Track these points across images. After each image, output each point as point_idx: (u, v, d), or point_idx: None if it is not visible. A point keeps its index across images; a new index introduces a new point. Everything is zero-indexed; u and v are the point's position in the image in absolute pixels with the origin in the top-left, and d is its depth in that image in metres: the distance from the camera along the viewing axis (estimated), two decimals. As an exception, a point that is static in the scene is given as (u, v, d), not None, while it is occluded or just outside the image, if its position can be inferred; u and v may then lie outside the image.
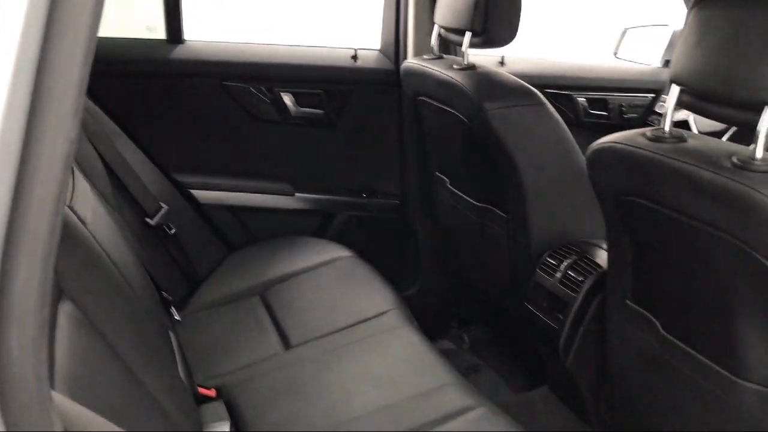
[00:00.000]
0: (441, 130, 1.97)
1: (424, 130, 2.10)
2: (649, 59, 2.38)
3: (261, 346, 1.71)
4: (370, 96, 2.30)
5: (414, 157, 2.26)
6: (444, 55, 2.01)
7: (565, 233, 1.77)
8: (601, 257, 1.63)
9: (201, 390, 1.50)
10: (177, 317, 1.72)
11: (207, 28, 3.06)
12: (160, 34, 2.24)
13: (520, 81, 1.78)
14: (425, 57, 2.00)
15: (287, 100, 2.26)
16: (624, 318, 1.40)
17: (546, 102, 1.73)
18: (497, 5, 1.72)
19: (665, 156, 1.12)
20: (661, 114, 1.94)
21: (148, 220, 1.93)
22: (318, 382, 1.55)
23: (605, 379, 1.59)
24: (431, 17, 2.00)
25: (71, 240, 0.99)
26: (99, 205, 1.34)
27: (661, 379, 1.35)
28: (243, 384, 1.56)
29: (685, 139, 1.17)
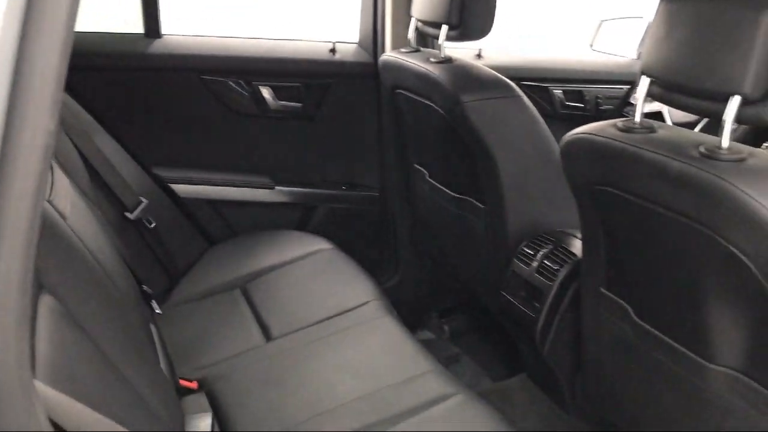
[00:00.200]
0: (419, 122, 1.99)
1: (402, 122, 2.11)
2: (625, 51, 2.40)
3: (242, 338, 1.72)
4: (348, 89, 2.30)
5: (393, 150, 2.28)
6: (421, 48, 2.02)
7: (542, 223, 1.80)
8: (577, 246, 1.66)
9: (183, 382, 1.50)
10: (158, 310, 1.72)
11: (183, 19, 3.04)
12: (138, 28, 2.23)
13: (496, 74, 1.80)
14: (402, 50, 2.00)
15: (266, 93, 2.26)
16: (598, 306, 1.43)
17: (522, 94, 1.75)
18: None
19: (635, 146, 1.14)
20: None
21: (127, 214, 1.94)
22: (299, 373, 1.56)
23: (581, 366, 1.62)
24: (409, 10, 2.01)
25: (51, 235, 0.99)
26: (78, 200, 1.34)
27: (635, 365, 1.38)
28: (225, 376, 1.57)
29: (655, 130, 1.19)
